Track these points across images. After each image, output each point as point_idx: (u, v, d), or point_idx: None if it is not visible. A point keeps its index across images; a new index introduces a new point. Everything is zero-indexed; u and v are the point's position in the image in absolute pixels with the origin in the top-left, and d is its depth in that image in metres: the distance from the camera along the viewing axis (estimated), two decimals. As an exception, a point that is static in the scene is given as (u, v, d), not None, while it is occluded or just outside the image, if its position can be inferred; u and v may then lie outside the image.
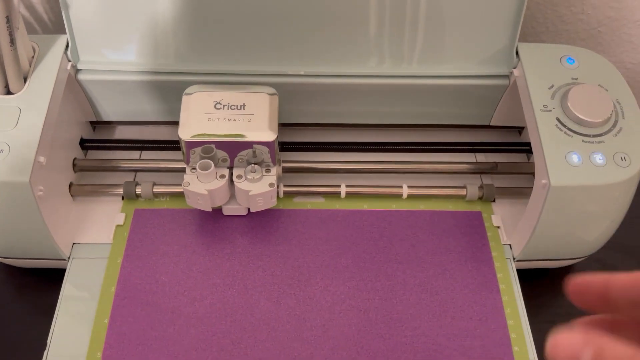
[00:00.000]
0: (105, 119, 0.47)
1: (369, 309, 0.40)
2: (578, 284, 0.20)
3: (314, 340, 0.39)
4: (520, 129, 0.50)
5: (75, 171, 0.45)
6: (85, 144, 0.47)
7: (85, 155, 0.48)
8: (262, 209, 0.43)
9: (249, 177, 0.41)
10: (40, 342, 0.38)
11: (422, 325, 0.40)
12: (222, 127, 0.40)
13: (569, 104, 0.39)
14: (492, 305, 0.41)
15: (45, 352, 0.38)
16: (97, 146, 0.48)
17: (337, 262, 0.42)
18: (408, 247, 0.43)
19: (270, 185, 0.41)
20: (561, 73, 0.42)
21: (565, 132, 0.39)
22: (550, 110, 0.40)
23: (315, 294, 0.41)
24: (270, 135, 0.40)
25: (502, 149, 0.49)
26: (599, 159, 0.38)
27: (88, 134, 0.48)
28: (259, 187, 0.41)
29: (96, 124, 0.49)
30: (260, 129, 0.40)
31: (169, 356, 0.38)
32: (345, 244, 0.43)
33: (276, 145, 0.41)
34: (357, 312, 0.40)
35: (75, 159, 0.45)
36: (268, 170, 0.42)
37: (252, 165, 0.41)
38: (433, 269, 0.42)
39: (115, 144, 0.48)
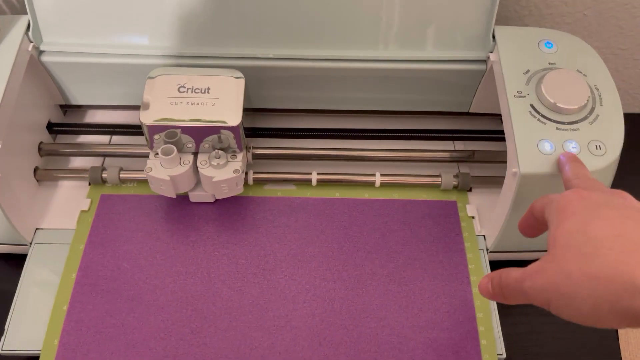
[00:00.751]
0: (74, 102, 0.46)
1: (334, 299, 0.39)
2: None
3: (276, 330, 0.38)
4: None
5: (41, 155, 0.45)
6: (53, 128, 0.46)
7: (55, 139, 0.47)
8: (228, 196, 0.42)
9: (213, 163, 0.40)
10: (-2, 327, 0.38)
11: (388, 317, 0.38)
12: (185, 111, 0.39)
13: (543, 90, 0.37)
14: (461, 297, 0.39)
15: (2, 337, 0.37)
16: (65, 130, 0.47)
17: (304, 251, 0.41)
18: (378, 237, 0.42)
19: (235, 171, 0.40)
20: (538, 57, 0.40)
21: (538, 119, 0.37)
22: (525, 97, 0.38)
23: (280, 283, 0.40)
24: (234, 120, 0.39)
25: (481, 137, 0.48)
26: (572, 147, 0.36)
27: (57, 118, 0.48)
28: (223, 174, 0.40)
29: (67, 108, 0.48)
30: (224, 113, 0.39)
31: (127, 345, 0.37)
32: (314, 232, 0.42)
33: (241, 131, 0.40)
34: (322, 302, 0.39)
35: (41, 142, 0.45)
36: (234, 156, 0.41)
37: (217, 150, 0.40)
38: (403, 259, 0.41)
39: (84, 128, 0.47)
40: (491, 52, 0.42)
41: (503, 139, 0.47)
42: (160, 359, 0.37)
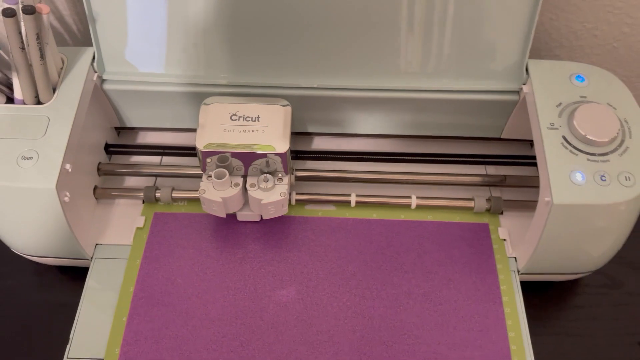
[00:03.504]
0: (129, 125, 0.50)
1: (373, 317, 0.42)
2: None
3: (320, 345, 0.40)
4: (532, 142, 0.51)
5: (99, 175, 0.48)
6: (109, 149, 0.50)
7: (110, 159, 0.50)
8: (274, 216, 0.44)
9: (262, 186, 0.43)
10: (63, 336, 0.41)
11: (424, 335, 0.41)
12: (237, 138, 0.42)
13: (575, 123, 0.40)
14: (494, 317, 0.42)
15: (68, 346, 0.40)
16: (120, 151, 0.50)
17: (344, 269, 0.44)
18: (414, 257, 0.45)
19: (282, 194, 0.43)
20: (570, 91, 0.42)
21: (570, 151, 0.39)
22: (557, 129, 0.40)
23: (322, 300, 0.42)
24: (282, 147, 0.42)
25: (512, 162, 0.50)
26: (602, 178, 0.38)
27: (113, 139, 0.51)
28: (270, 196, 0.43)
29: (120, 130, 0.52)
30: (273, 140, 0.42)
31: (181, 355, 0.40)
32: (353, 252, 0.45)
33: (288, 156, 0.43)
34: (362, 319, 0.42)
35: (100, 163, 0.48)
36: (280, 180, 0.44)
37: (265, 174, 0.43)
38: (438, 280, 0.44)
39: (137, 149, 0.51)
40: (524, 84, 0.44)
41: (533, 164, 0.50)
42: (213, 369, 0.39)
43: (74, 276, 0.45)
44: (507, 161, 0.50)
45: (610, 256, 0.43)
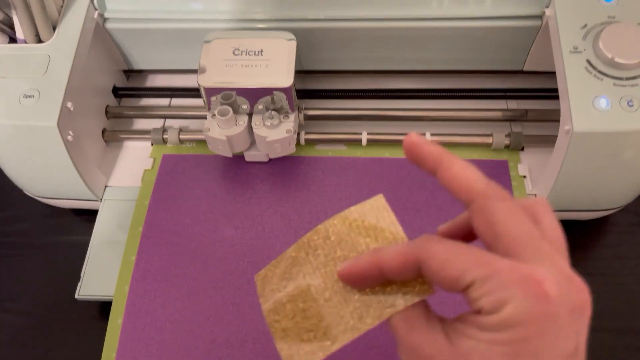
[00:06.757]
0: (136, 67, 0.49)
1: (383, 255, 0.40)
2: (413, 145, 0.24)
3: (327, 283, 0.39)
4: (558, 74, 0.47)
5: (108, 118, 0.48)
6: (118, 92, 0.49)
7: (119, 102, 0.50)
8: (281, 155, 0.43)
9: (267, 123, 0.41)
10: (75, 275, 0.41)
11: (436, 273, 0.39)
12: (240, 74, 0.41)
13: (600, 45, 0.36)
14: (510, 255, 0.40)
15: (79, 283, 0.41)
16: (128, 94, 0.50)
17: (354, 208, 0.42)
18: (427, 196, 0.43)
19: (288, 131, 0.41)
20: (597, 11, 0.38)
21: (594, 75, 0.36)
22: (581, 52, 0.37)
23: (330, 239, 0.41)
24: (286, 81, 0.40)
25: (535, 96, 0.47)
26: (629, 103, 0.35)
27: (121, 82, 0.50)
28: (276, 134, 0.41)
29: (129, 73, 0.51)
30: (276, 74, 0.40)
31: (189, 292, 0.40)
32: (364, 191, 0.43)
33: (293, 91, 0.41)
34: (371, 257, 0.40)
35: (108, 105, 0.48)
36: (286, 117, 0.42)
37: (270, 111, 0.42)
38: (451, 218, 0.42)
39: (146, 92, 0.50)
40: (547, 7, 0.41)
41: (556, 98, 0.47)
42: (219, 306, 0.39)
43: (87, 218, 0.45)
44: (530, 95, 0.47)
45: (639, 191, 0.40)
